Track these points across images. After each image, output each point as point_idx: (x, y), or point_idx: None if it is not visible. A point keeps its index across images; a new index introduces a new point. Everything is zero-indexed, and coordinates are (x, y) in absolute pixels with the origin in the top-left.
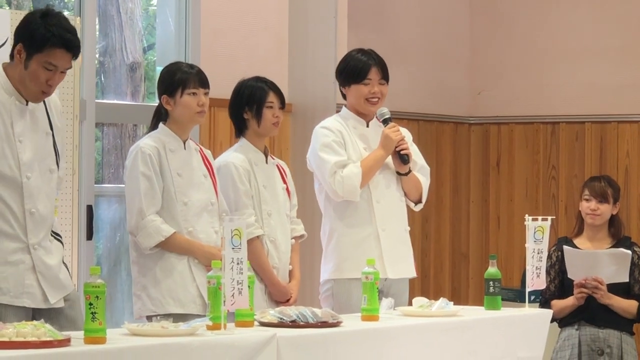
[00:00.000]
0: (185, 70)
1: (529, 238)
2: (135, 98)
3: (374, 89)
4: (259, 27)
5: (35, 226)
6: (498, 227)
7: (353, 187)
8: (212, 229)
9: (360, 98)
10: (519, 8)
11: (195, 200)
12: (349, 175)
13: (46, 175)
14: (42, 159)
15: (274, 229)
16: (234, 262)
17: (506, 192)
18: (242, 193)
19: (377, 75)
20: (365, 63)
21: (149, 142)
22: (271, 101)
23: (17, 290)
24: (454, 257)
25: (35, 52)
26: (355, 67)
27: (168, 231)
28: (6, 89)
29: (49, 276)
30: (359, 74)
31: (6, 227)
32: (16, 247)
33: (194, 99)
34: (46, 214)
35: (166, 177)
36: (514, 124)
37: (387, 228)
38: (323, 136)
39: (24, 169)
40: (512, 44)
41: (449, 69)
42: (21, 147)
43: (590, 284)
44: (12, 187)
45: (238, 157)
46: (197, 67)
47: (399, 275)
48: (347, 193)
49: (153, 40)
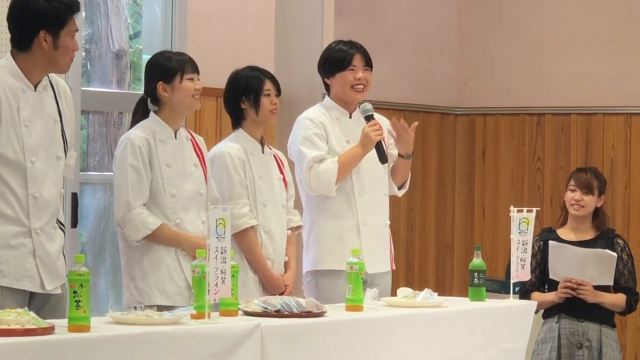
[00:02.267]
0: (178, 58)
1: (514, 229)
2: (121, 86)
3: (359, 74)
4: (245, 15)
5: (38, 211)
6: (483, 218)
7: (328, 182)
8: (199, 220)
9: (346, 85)
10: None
11: (184, 191)
12: (325, 170)
13: (52, 162)
14: (48, 145)
15: (269, 219)
16: (218, 251)
17: (491, 183)
18: (237, 182)
19: (361, 62)
20: (348, 52)
21: (139, 132)
22: (268, 89)
23: (17, 273)
24: (438, 248)
25: (60, 29)
26: (339, 56)
27: (155, 224)
28: (15, 74)
29: (47, 262)
30: (342, 62)
31: (9, 211)
32: (18, 231)
33: (192, 83)
34: (50, 200)
35: (155, 169)
36: (500, 115)
37: (368, 222)
38: (304, 128)
39: (29, 153)
40: (499, 35)
41: (435, 60)
42: (26, 132)
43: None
44: (16, 172)
45: (233, 146)
46: (185, 53)
47: (377, 270)
48: (322, 188)
49: (139, 27)
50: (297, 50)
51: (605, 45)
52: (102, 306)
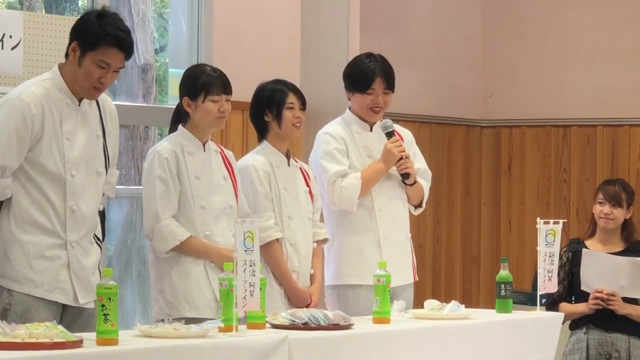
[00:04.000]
0: (209, 74)
1: (541, 241)
2: (147, 100)
3: (377, 99)
4: (271, 29)
5: (75, 224)
6: (509, 230)
7: (350, 198)
8: (230, 233)
9: (363, 107)
10: (531, 10)
11: (213, 204)
12: (348, 186)
13: (92, 177)
14: (89, 159)
15: (295, 232)
16: (246, 265)
17: (517, 195)
18: (261, 195)
19: (381, 85)
20: (370, 73)
21: (167, 145)
22: (291, 102)
23: (50, 284)
24: (465, 260)
25: (89, 50)
26: (360, 77)
27: (183, 235)
28: (59, 87)
29: (82, 276)
30: (362, 84)
31: (46, 222)
32: (53, 243)
33: (216, 105)
34: (88, 214)
35: (183, 181)
36: (526, 127)
37: (389, 236)
38: (325, 143)
39: (69, 166)
40: (524, 47)
41: (461, 72)
42: (68, 145)
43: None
44: (55, 184)
45: (258, 159)
46: (220, 71)
47: (400, 282)
48: (345, 203)
49: (165, 42)
50: (322, 64)
51: (630, 56)
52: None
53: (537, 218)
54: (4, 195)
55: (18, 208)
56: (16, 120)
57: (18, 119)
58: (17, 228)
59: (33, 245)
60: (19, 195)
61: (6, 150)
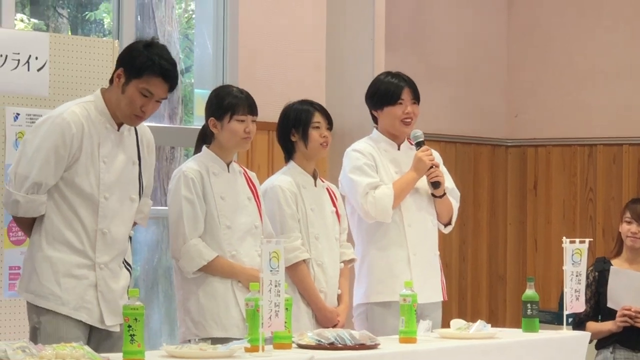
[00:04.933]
0: (235, 95)
1: (567, 261)
2: (173, 120)
3: (408, 109)
4: (296, 49)
5: (105, 247)
6: (535, 249)
7: (385, 208)
8: (255, 252)
9: (395, 120)
10: (556, 29)
11: (239, 224)
12: (381, 196)
13: (126, 202)
14: (124, 185)
15: (322, 252)
16: (271, 285)
17: (543, 214)
18: (288, 216)
19: (409, 95)
20: (397, 85)
21: (192, 165)
22: (317, 121)
23: (76, 303)
24: (491, 279)
25: (134, 78)
26: (387, 90)
27: (210, 255)
28: (100, 111)
29: (109, 298)
30: (392, 96)
31: (76, 242)
32: (82, 263)
33: (242, 125)
34: (119, 238)
35: (209, 201)
36: (551, 146)
37: (418, 252)
38: (354, 159)
39: (103, 189)
40: (549, 66)
41: (486, 91)
42: (104, 168)
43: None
44: (89, 205)
45: (285, 179)
46: (247, 92)
47: (428, 300)
48: (379, 214)
49: (190, 62)
50: (348, 83)
51: None
52: (154, 340)
53: (563, 237)
54: (38, 211)
55: (50, 225)
56: (56, 138)
57: (58, 136)
58: (47, 244)
59: (62, 263)
60: (52, 213)
61: (43, 167)
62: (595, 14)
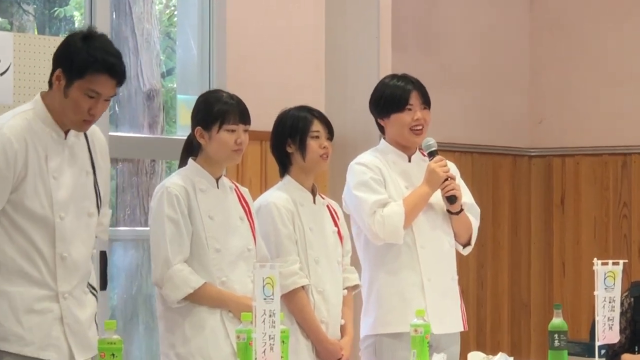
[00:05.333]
0: (225, 101)
1: (599, 285)
2: (153, 130)
3: (417, 115)
4: (292, 50)
5: (67, 273)
6: (563, 272)
7: (395, 227)
8: (248, 279)
9: (404, 128)
10: (585, 26)
11: (229, 247)
12: (390, 214)
13: (83, 219)
14: (79, 200)
15: (322, 278)
16: (265, 315)
17: (572, 233)
18: (285, 237)
19: (418, 100)
20: (404, 88)
21: (177, 181)
22: (316, 130)
23: (42, 341)
24: (513, 307)
25: (76, 79)
26: (394, 95)
27: (197, 282)
28: (43, 119)
29: (77, 330)
30: (399, 101)
31: (34, 272)
32: (43, 295)
33: (232, 135)
34: (80, 261)
35: (196, 221)
36: (580, 155)
37: (433, 277)
38: (359, 174)
39: (57, 208)
40: (577, 66)
41: (506, 94)
42: (55, 184)
43: None
44: (43, 228)
45: (280, 196)
46: (238, 98)
47: (446, 330)
48: (389, 235)
49: (173, 65)
50: (350, 88)
51: None
52: None
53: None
54: None
55: (3, 257)
56: None
57: None
58: (2, 279)
59: (21, 298)
60: (3, 243)
61: None
62: (630, 8)
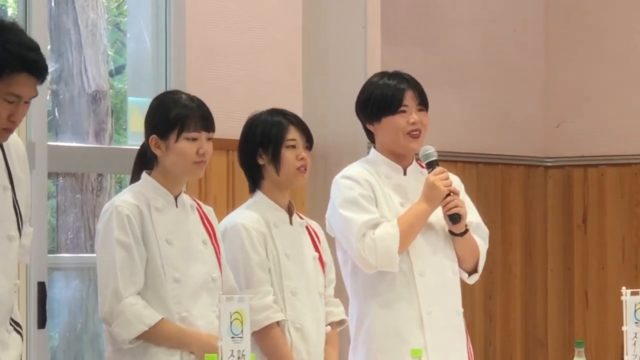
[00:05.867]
0: (184, 104)
1: (628, 318)
2: (100, 139)
3: (413, 117)
4: (263, 44)
5: None
6: (586, 303)
7: (389, 253)
8: (213, 314)
9: (397, 133)
10: (609, 12)
11: (191, 276)
12: (383, 237)
13: (3, 245)
14: None
15: (301, 312)
16: (233, 356)
17: (596, 256)
18: (256, 264)
19: (413, 100)
20: (397, 87)
21: (128, 198)
22: (292, 138)
23: None
24: (527, 345)
25: None
26: (384, 95)
27: (153, 318)
28: None
29: None
30: (390, 102)
31: None
32: None
33: (193, 145)
34: (2, 295)
35: (151, 246)
36: (606, 165)
37: (434, 310)
38: (346, 189)
39: None
40: (600, 61)
41: (517, 94)
42: None
43: None
44: None
45: (251, 216)
46: (200, 100)
47: None
48: (382, 261)
49: (123, 61)
50: (333, 87)
51: None
52: None
53: (622, 287)
54: None
55: None
56: None
57: None
58: None
59: None
60: None
61: None
62: None
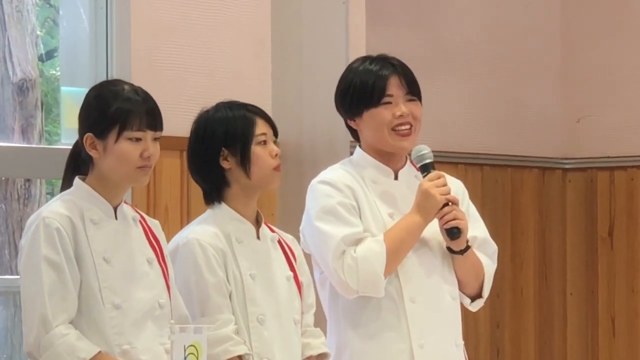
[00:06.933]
0: (127, 97)
1: None
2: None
3: (401, 109)
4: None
5: None
6: (612, 332)
7: (373, 275)
8: (161, 346)
9: (382, 128)
10: None
11: (133, 301)
12: (366, 255)
13: None
14: None
15: (270, 344)
16: None
17: (624, 276)
18: (212, 288)
19: (401, 88)
20: (379, 74)
21: (58, 209)
22: (263, 133)
23: None
24: None
25: None
26: (365, 83)
27: (88, 351)
28: None
29: None
30: (372, 91)
31: None
32: None
33: (137, 146)
34: None
35: (86, 266)
36: (635, 168)
37: (428, 343)
38: (323, 197)
39: None
40: (628, 43)
41: (529, 84)
42: None
43: None
44: None
45: (207, 231)
46: (145, 92)
47: None
48: (364, 285)
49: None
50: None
51: None
52: None
53: None
54: None
55: None
56: None
57: None
58: None
59: None
60: None
61: None
62: None
